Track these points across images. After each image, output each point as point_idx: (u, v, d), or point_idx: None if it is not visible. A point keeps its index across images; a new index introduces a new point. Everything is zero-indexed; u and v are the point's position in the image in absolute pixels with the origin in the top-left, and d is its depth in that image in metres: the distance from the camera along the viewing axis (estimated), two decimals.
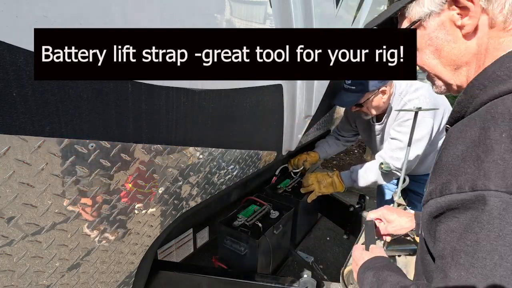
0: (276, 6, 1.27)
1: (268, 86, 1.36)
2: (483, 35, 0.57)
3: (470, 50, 0.59)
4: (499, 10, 0.53)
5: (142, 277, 1.17)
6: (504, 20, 0.54)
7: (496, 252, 0.42)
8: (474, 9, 0.55)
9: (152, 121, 0.89)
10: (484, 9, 0.55)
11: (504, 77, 0.51)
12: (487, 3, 0.54)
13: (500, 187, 0.42)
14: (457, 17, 0.59)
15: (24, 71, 0.60)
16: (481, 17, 0.56)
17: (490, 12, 0.55)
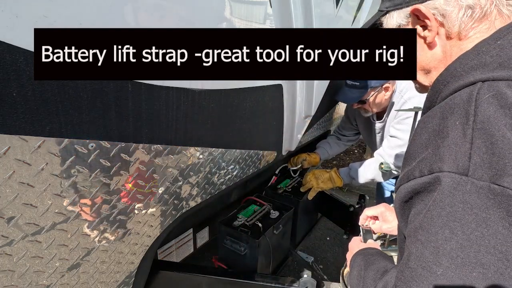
0: (276, 6, 1.27)
1: (268, 86, 1.36)
2: (444, 43, 0.66)
3: (436, 57, 0.68)
4: (452, 24, 0.62)
5: (142, 277, 1.17)
6: (459, 32, 0.63)
7: (447, 227, 0.46)
8: (431, 24, 0.64)
9: (152, 121, 0.89)
10: (441, 22, 0.64)
11: (462, 73, 0.57)
12: (442, 18, 0.63)
13: (452, 169, 0.47)
14: (420, 29, 0.67)
15: (24, 71, 0.60)
16: (439, 30, 0.65)
17: (446, 25, 0.63)
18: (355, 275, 0.75)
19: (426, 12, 0.64)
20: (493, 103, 0.48)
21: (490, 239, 0.42)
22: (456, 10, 0.62)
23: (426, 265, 0.47)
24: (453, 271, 0.44)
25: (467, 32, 0.62)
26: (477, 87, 0.52)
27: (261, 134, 1.48)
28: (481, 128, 0.47)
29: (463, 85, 0.56)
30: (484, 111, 0.48)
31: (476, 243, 0.43)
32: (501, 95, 0.48)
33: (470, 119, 0.48)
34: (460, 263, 0.44)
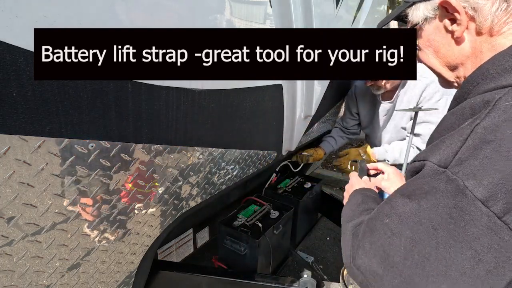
0: (276, 6, 1.27)
1: (268, 86, 1.36)
2: (474, 39, 0.62)
3: (463, 52, 0.64)
4: (484, 19, 0.59)
5: (142, 277, 1.17)
6: (490, 27, 0.59)
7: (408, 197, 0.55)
8: (461, 18, 0.61)
9: (152, 121, 0.89)
10: (472, 16, 0.60)
11: (495, 75, 0.55)
12: (473, 12, 0.59)
13: (435, 160, 0.52)
14: (448, 23, 0.64)
15: (24, 71, 0.60)
16: (469, 24, 0.61)
17: (477, 20, 0.60)
18: (349, 207, 0.81)
19: (456, 5, 0.60)
20: (508, 111, 0.48)
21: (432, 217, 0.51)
22: (489, 3, 0.57)
23: (381, 212, 0.59)
24: (395, 225, 0.55)
25: (501, 27, 0.58)
26: (504, 92, 0.51)
27: (261, 134, 1.48)
28: (480, 133, 0.48)
29: (494, 88, 0.54)
30: (494, 118, 0.48)
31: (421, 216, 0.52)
32: None
33: (476, 122, 0.50)
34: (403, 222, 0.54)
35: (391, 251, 0.54)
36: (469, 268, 0.48)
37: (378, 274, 0.56)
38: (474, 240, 0.47)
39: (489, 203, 0.46)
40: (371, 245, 0.58)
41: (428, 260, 0.50)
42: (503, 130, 0.47)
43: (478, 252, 0.47)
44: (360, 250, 0.60)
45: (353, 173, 1.06)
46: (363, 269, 0.59)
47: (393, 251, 0.54)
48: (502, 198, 0.45)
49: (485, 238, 0.46)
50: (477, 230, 0.47)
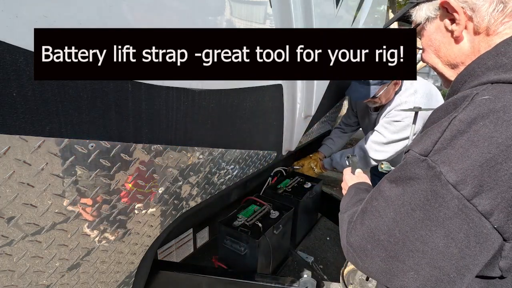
0: (276, 6, 1.27)
1: (268, 86, 1.36)
2: (472, 38, 0.65)
3: (463, 51, 0.67)
4: (481, 19, 0.61)
5: (142, 277, 1.17)
6: (487, 27, 0.62)
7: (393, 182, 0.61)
8: (459, 18, 0.63)
9: (152, 121, 0.89)
10: (470, 16, 0.62)
11: (479, 73, 0.59)
12: (471, 12, 0.62)
13: (417, 150, 0.57)
14: (448, 23, 0.67)
15: (24, 71, 0.60)
16: (467, 24, 0.64)
17: (474, 20, 0.62)
18: (344, 201, 0.88)
19: (455, 5, 0.62)
20: (483, 105, 0.52)
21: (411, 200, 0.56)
22: (486, 4, 0.60)
23: (371, 197, 0.66)
24: (381, 207, 0.61)
25: (497, 27, 0.61)
26: (482, 88, 0.55)
27: (261, 134, 1.48)
28: (457, 124, 0.53)
29: (476, 85, 0.58)
30: (470, 111, 0.53)
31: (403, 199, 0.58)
32: (497, 99, 0.52)
33: (453, 115, 0.55)
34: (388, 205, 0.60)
35: (376, 230, 0.61)
36: (443, 246, 0.53)
37: (367, 249, 0.63)
38: (446, 220, 0.52)
39: (459, 187, 0.50)
40: (362, 225, 0.65)
41: (408, 238, 0.56)
42: (477, 122, 0.51)
43: (450, 231, 0.52)
44: (353, 230, 0.67)
45: (346, 170, 1.13)
46: (355, 246, 0.66)
47: (378, 230, 0.61)
48: (471, 183, 0.50)
49: (456, 219, 0.51)
50: (449, 211, 0.52)
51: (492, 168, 0.49)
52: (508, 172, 0.48)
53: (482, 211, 0.50)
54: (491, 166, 0.49)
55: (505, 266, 0.53)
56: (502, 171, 0.49)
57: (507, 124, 0.49)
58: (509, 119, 0.49)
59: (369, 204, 0.65)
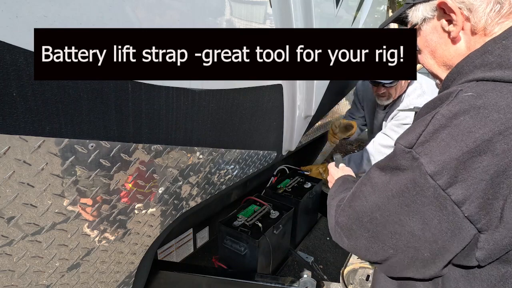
0: (276, 6, 1.28)
1: (268, 86, 1.36)
2: (469, 39, 0.65)
3: (459, 52, 0.67)
4: (478, 19, 0.61)
5: (142, 277, 1.17)
6: (484, 27, 0.62)
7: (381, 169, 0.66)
8: (456, 18, 0.63)
9: (152, 121, 0.89)
10: (467, 17, 0.63)
11: (467, 71, 0.61)
12: (468, 12, 0.62)
13: (402, 143, 0.60)
14: (445, 24, 0.67)
15: (24, 71, 0.60)
16: (465, 24, 0.64)
17: (471, 20, 0.62)
18: (333, 189, 0.94)
19: (452, 6, 0.63)
20: (465, 101, 0.55)
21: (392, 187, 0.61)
22: (484, 4, 0.60)
23: (360, 182, 0.71)
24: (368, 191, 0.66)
25: (493, 27, 0.61)
26: (467, 85, 0.58)
27: (261, 134, 1.48)
28: (439, 119, 0.56)
29: (463, 82, 0.60)
30: (452, 106, 0.56)
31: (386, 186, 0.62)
32: (478, 96, 0.54)
33: (437, 110, 0.58)
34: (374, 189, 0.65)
35: (361, 213, 0.66)
36: (419, 230, 0.58)
37: (353, 229, 0.69)
38: (422, 207, 0.56)
39: (436, 177, 0.54)
40: (350, 207, 0.70)
41: (388, 221, 0.61)
42: (457, 117, 0.54)
43: (425, 218, 0.56)
44: (342, 211, 0.73)
45: (331, 164, 1.22)
46: (342, 226, 0.72)
47: (362, 213, 0.66)
48: (447, 174, 0.53)
49: (431, 206, 0.55)
50: (425, 199, 0.56)
51: (467, 161, 0.52)
52: (482, 165, 0.51)
53: (455, 200, 0.53)
54: (466, 159, 0.52)
55: (481, 256, 0.56)
56: (476, 164, 0.51)
57: (485, 120, 0.52)
58: (487, 115, 0.52)
59: (358, 189, 0.70)
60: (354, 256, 1.45)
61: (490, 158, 0.51)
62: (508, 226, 0.52)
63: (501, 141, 0.50)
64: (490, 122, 0.51)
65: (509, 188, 0.51)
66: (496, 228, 0.53)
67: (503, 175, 0.51)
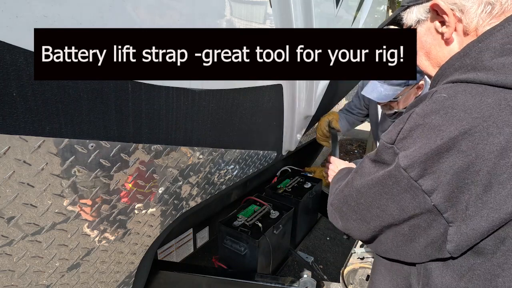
0: (276, 6, 1.28)
1: (268, 86, 1.36)
2: (461, 40, 0.66)
3: (452, 53, 0.67)
4: (470, 20, 0.63)
5: (142, 277, 1.17)
6: (476, 28, 0.63)
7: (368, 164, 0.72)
8: (449, 20, 0.65)
9: (152, 121, 0.89)
10: (459, 18, 0.64)
11: (448, 74, 0.64)
12: (460, 14, 0.63)
13: (385, 139, 0.66)
14: (438, 25, 0.68)
15: (24, 71, 0.60)
16: (457, 26, 0.65)
17: (464, 21, 0.64)
18: (338, 175, 1.01)
19: (445, 7, 0.64)
20: (437, 101, 0.59)
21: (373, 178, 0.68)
22: (475, 6, 0.61)
23: (353, 172, 0.77)
24: (356, 179, 0.74)
25: (484, 28, 0.62)
26: (443, 87, 0.61)
27: (261, 134, 1.48)
28: (414, 118, 0.61)
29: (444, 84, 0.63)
30: (425, 106, 0.60)
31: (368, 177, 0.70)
32: (450, 97, 0.58)
33: (414, 110, 0.62)
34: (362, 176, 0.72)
35: (349, 197, 0.75)
36: (397, 215, 0.65)
37: (343, 211, 0.78)
38: (398, 195, 0.63)
39: (408, 170, 0.60)
40: (341, 192, 0.79)
41: (371, 206, 0.69)
42: (429, 115, 0.58)
43: (401, 205, 0.63)
44: (336, 195, 0.81)
45: (333, 157, 1.36)
46: (336, 208, 0.81)
47: (349, 197, 0.75)
48: (418, 167, 0.59)
49: (405, 194, 0.62)
50: (400, 188, 0.62)
51: (435, 156, 0.57)
52: (448, 161, 0.56)
53: (425, 189, 0.59)
54: (435, 154, 0.57)
55: (451, 248, 0.60)
56: (443, 159, 0.56)
57: (452, 120, 0.56)
58: (455, 115, 0.56)
59: (351, 175, 0.78)
60: (354, 256, 1.45)
61: (456, 154, 0.55)
62: (474, 219, 0.57)
63: (466, 139, 0.54)
64: (457, 121, 0.55)
65: (473, 183, 0.55)
66: (462, 221, 0.57)
67: (467, 171, 0.55)
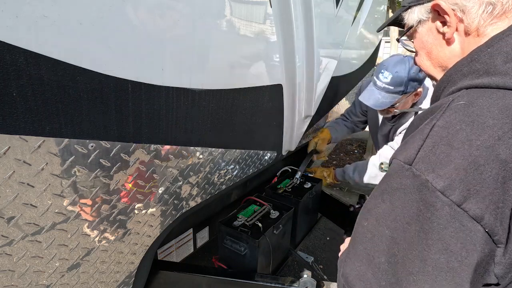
0: (276, 6, 1.28)
1: (268, 86, 1.36)
2: (463, 40, 0.65)
3: (454, 53, 0.67)
4: (471, 20, 0.62)
5: (142, 277, 1.17)
6: (477, 28, 0.62)
7: (380, 197, 0.59)
8: (450, 20, 0.64)
9: (152, 121, 0.89)
10: (461, 18, 0.63)
11: (456, 79, 0.62)
12: (462, 14, 0.63)
13: (401, 158, 0.57)
14: (440, 25, 0.68)
15: (24, 71, 0.60)
16: (458, 26, 0.65)
17: (465, 21, 0.63)
18: None
19: (446, 7, 0.64)
20: (459, 110, 0.54)
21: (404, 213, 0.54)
22: (476, 6, 0.61)
23: (360, 219, 0.64)
24: (374, 226, 0.58)
25: (485, 28, 0.62)
26: (458, 94, 0.58)
27: (261, 134, 1.48)
28: (436, 131, 0.54)
29: (453, 91, 0.61)
30: (447, 117, 0.55)
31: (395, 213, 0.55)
32: (470, 104, 0.54)
33: (433, 122, 0.56)
34: (380, 222, 0.57)
35: (375, 253, 0.57)
36: (444, 262, 0.50)
37: (367, 277, 0.58)
38: (441, 231, 0.50)
39: (447, 193, 0.49)
40: (355, 250, 0.61)
41: (408, 257, 0.53)
42: (453, 126, 0.53)
43: (447, 243, 0.50)
44: (347, 260, 0.63)
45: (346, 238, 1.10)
46: (352, 277, 0.60)
47: (377, 252, 0.57)
48: (458, 187, 0.49)
49: (450, 228, 0.49)
50: (442, 220, 0.50)
51: (476, 170, 0.49)
52: (492, 174, 0.48)
53: (474, 215, 0.48)
54: (474, 168, 0.49)
55: (500, 272, 0.51)
56: (486, 173, 0.48)
57: (482, 127, 0.50)
58: (483, 122, 0.51)
59: (360, 226, 0.62)
60: None
61: (496, 164, 0.48)
62: None
63: (503, 146, 0.48)
64: (488, 128, 0.50)
65: None
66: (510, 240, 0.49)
67: (510, 181, 0.48)
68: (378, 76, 1.63)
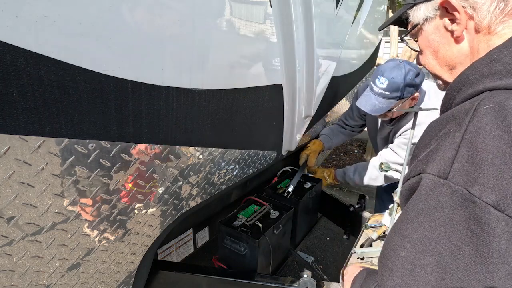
0: (276, 6, 1.28)
1: (268, 86, 1.36)
2: (472, 38, 0.63)
3: (462, 52, 0.65)
4: (482, 17, 0.59)
5: (142, 277, 1.17)
6: (488, 25, 0.60)
7: (417, 220, 0.52)
8: (460, 17, 0.62)
9: (152, 121, 0.89)
10: (471, 15, 0.61)
11: (474, 81, 0.58)
12: (472, 11, 0.60)
13: (433, 171, 0.51)
14: (448, 23, 0.65)
15: (24, 71, 0.60)
16: (468, 23, 0.62)
17: (475, 18, 0.61)
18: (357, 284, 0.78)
19: (455, 4, 0.61)
20: (489, 114, 0.50)
21: (450, 235, 0.47)
22: (488, 2, 0.59)
23: (394, 247, 0.55)
24: (413, 255, 0.51)
25: (497, 26, 0.59)
26: (482, 97, 0.53)
27: (261, 134, 1.48)
28: (469, 138, 0.49)
29: (473, 94, 0.56)
30: (478, 122, 0.50)
31: (438, 236, 0.48)
32: (501, 107, 0.49)
33: (462, 128, 0.51)
34: (421, 249, 0.50)
35: (420, 286, 0.49)
36: None
37: None
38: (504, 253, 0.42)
39: (502, 207, 0.43)
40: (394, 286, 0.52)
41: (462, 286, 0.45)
42: (488, 132, 0.48)
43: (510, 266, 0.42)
44: None
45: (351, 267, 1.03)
46: None
47: (422, 285, 0.49)
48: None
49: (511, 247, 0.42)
50: (500, 239, 0.42)
51: None
52: None
53: None
54: None
55: None
56: None
57: None
58: None
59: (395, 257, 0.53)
60: (354, 256, 1.45)
61: None
62: None
63: None
64: None
65: None
66: None
67: None
68: (375, 81, 1.65)
